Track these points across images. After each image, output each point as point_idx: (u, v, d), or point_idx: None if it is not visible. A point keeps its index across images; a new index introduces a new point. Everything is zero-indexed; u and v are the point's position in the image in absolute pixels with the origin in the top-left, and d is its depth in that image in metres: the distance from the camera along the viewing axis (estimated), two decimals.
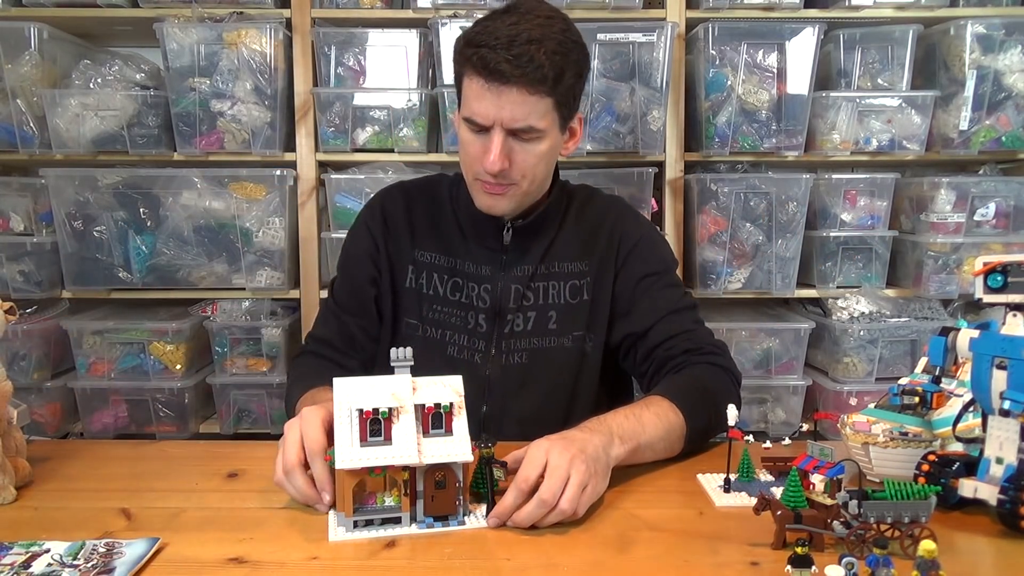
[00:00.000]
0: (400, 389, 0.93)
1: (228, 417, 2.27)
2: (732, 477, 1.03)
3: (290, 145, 2.24)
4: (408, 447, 0.90)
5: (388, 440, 0.90)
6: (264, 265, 2.24)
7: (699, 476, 1.08)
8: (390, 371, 0.95)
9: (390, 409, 0.91)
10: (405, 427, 0.91)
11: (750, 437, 1.06)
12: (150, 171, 2.21)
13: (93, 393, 2.24)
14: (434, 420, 0.93)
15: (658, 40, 2.14)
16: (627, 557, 0.85)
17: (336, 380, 0.93)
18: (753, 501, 0.86)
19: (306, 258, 2.26)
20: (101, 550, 0.84)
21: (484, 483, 0.96)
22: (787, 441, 1.16)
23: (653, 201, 2.27)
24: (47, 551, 0.84)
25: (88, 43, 2.37)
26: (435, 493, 0.91)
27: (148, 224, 2.22)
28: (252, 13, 2.16)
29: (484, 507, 0.95)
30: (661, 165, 2.25)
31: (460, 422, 0.94)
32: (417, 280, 1.37)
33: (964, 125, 2.17)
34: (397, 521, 0.91)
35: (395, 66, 2.24)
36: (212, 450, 1.26)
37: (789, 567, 0.74)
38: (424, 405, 0.93)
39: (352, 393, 0.92)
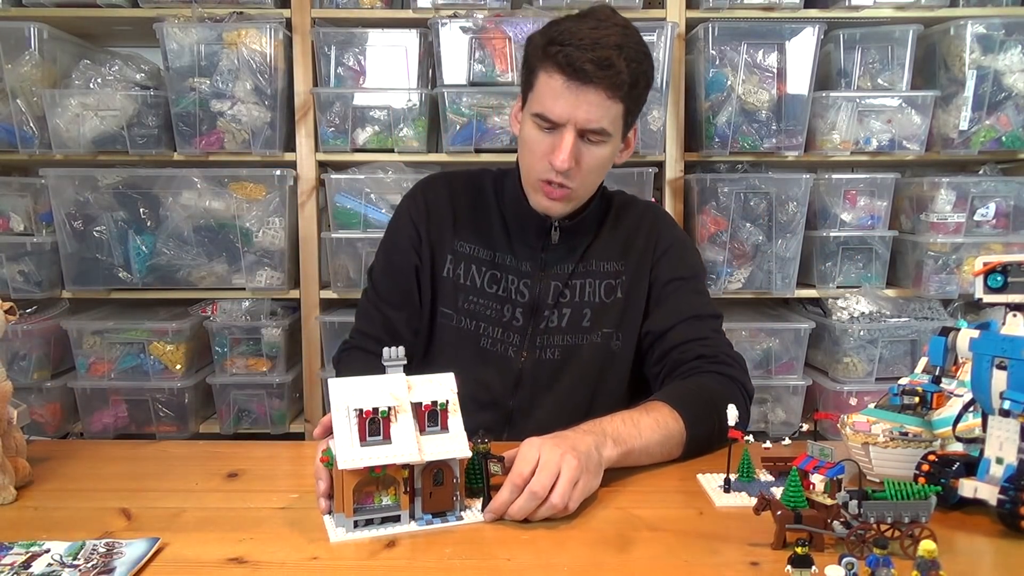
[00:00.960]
0: (396, 388, 0.94)
1: (228, 417, 2.27)
2: (732, 477, 1.03)
3: (290, 145, 2.24)
4: (408, 445, 0.90)
5: (387, 439, 0.90)
6: (264, 265, 2.24)
7: (699, 476, 1.08)
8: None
9: (389, 408, 0.91)
10: (404, 426, 0.92)
11: (750, 437, 1.06)
12: (150, 171, 2.21)
13: (93, 393, 2.24)
14: (430, 418, 0.93)
15: (658, 40, 2.14)
16: (627, 557, 0.85)
17: (331, 381, 0.93)
18: (753, 501, 0.86)
19: (306, 258, 2.26)
20: (101, 550, 0.84)
21: (479, 478, 0.97)
22: (787, 441, 1.16)
23: (653, 201, 2.27)
24: (47, 551, 0.84)
25: (88, 43, 2.37)
26: (433, 490, 0.92)
27: (148, 224, 2.22)
28: (252, 13, 2.16)
29: (480, 502, 0.96)
30: (661, 165, 2.25)
31: (455, 419, 0.95)
32: (455, 270, 1.37)
33: (964, 125, 2.17)
34: (396, 519, 0.91)
35: (395, 66, 2.24)
36: (212, 450, 1.26)
37: (789, 567, 0.74)
38: (421, 403, 0.93)
39: (350, 393, 0.92)
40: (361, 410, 0.90)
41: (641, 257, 1.38)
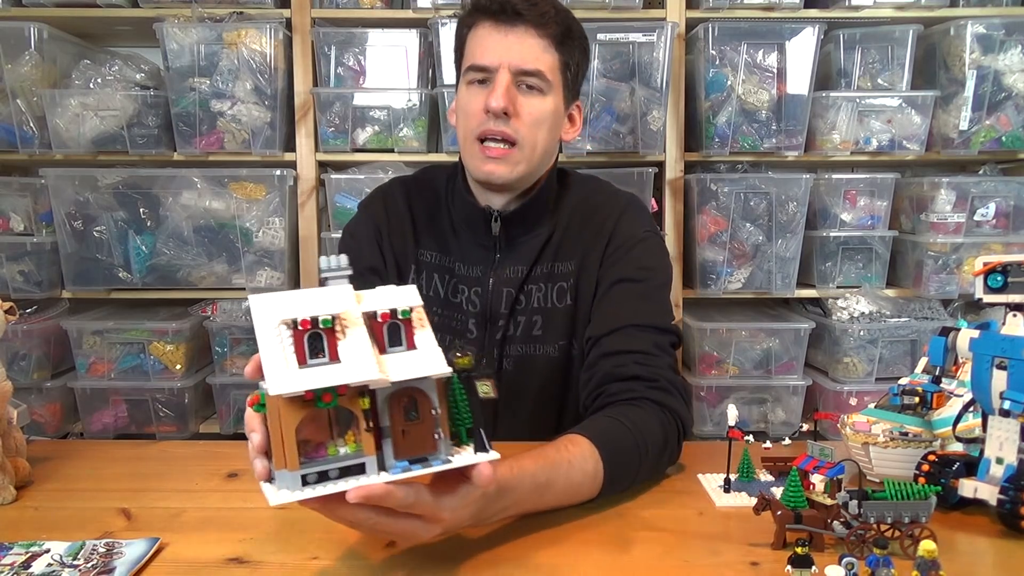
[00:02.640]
0: (341, 299, 0.70)
1: (228, 417, 2.27)
2: (732, 477, 1.03)
3: (290, 145, 2.24)
4: (364, 361, 0.66)
5: (335, 360, 0.67)
6: (264, 265, 2.24)
7: (699, 476, 1.08)
8: None
9: (333, 318, 0.67)
10: (356, 341, 0.68)
11: (750, 437, 1.06)
12: (150, 171, 2.21)
13: (93, 393, 2.24)
14: (391, 333, 0.70)
15: (658, 40, 2.14)
16: (627, 557, 0.85)
17: (252, 296, 0.71)
18: (753, 501, 0.86)
19: (306, 258, 2.26)
20: (101, 550, 0.84)
21: (466, 414, 0.72)
22: (787, 441, 1.16)
23: (653, 201, 2.27)
24: (47, 551, 0.84)
25: (88, 43, 2.37)
26: (406, 427, 0.68)
27: (148, 224, 2.22)
28: (252, 13, 2.16)
29: (470, 448, 0.72)
30: (661, 165, 2.25)
31: (425, 335, 0.71)
32: (419, 280, 1.29)
33: (964, 125, 2.17)
34: (361, 470, 0.67)
35: (395, 66, 2.24)
36: (212, 450, 1.26)
37: (789, 567, 0.74)
38: (376, 313, 0.70)
39: (278, 306, 0.68)
40: (295, 321, 0.66)
41: (589, 256, 1.25)
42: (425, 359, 0.69)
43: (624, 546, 0.88)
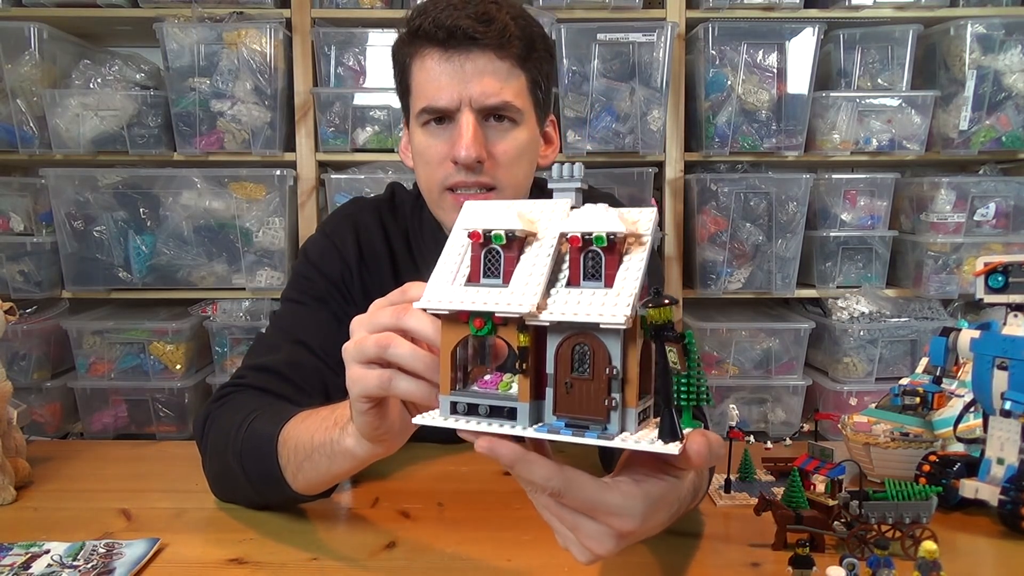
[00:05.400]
0: (539, 213, 0.62)
1: None
2: (733, 478, 1.03)
3: (290, 145, 2.24)
4: (527, 290, 0.57)
5: (507, 282, 0.58)
6: (264, 265, 2.24)
7: None
8: None
9: (509, 234, 0.59)
10: (533, 264, 0.59)
11: (751, 438, 1.06)
12: (150, 171, 2.21)
13: (93, 393, 2.24)
14: (588, 263, 0.57)
15: (658, 40, 2.14)
16: (627, 557, 0.85)
17: (467, 203, 0.64)
18: (754, 501, 0.86)
19: None
20: (101, 551, 0.84)
21: (692, 379, 0.57)
22: (788, 442, 1.16)
23: (653, 201, 2.27)
24: (47, 552, 0.84)
25: (88, 43, 2.37)
26: (574, 380, 0.57)
27: (148, 224, 2.22)
28: (252, 13, 2.16)
29: (653, 426, 0.58)
30: (661, 165, 2.25)
31: (631, 271, 0.56)
32: None
33: (964, 125, 2.17)
34: (511, 416, 0.58)
35: None
36: None
37: (790, 568, 0.74)
38: (566, 235, 0.58)
39: (476, 215, 0.62)
40: (468, 232, 0.60)
41: None
42: (606, 301, 0.55)
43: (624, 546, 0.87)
